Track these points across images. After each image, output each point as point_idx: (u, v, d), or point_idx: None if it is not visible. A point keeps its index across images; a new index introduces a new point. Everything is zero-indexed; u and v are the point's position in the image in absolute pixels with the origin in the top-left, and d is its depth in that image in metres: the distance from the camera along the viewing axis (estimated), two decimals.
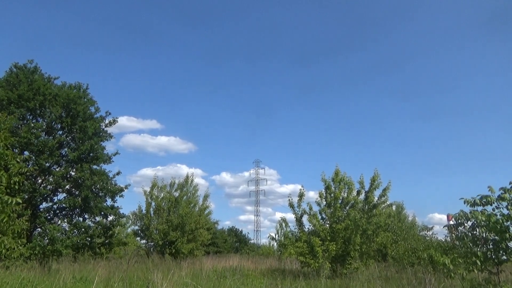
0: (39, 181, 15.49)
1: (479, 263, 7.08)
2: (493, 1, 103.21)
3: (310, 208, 16.20)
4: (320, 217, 16.04)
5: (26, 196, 14.14)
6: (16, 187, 7.91)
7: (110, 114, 17.58)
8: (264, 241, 67.06)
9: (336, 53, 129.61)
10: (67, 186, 15.89)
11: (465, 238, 7.72)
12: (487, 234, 7.32)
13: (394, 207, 26.03)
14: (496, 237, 7.16)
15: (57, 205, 15.91)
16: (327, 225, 15.79)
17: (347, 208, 15.78)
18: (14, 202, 7.25)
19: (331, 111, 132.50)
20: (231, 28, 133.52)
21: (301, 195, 16.36)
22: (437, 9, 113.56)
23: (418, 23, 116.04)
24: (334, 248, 14.65)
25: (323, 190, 16.17)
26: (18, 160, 8.11)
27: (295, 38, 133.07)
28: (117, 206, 17.11)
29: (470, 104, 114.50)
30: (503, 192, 7.24)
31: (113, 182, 17.01)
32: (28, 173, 11.43)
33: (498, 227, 7.00)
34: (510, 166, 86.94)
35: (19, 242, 8.58)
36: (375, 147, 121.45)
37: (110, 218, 17.02)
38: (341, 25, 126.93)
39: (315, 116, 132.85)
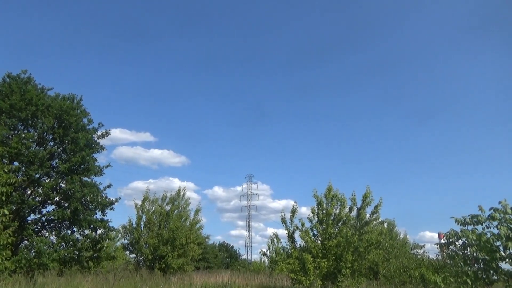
0: (28, 192, 15.25)
1: (469, 283, 7.05)
2: (487, 5, 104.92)
3: (303, 224, 16.12)
4: (312, 234, 15.95)
5: (14, 208, 13.88)
6: (4, 198, 7.77)
7: (103, 126, 17.50)
8: (255, 256, 66.56)
9: (330, 58, 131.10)
10: (57, 198, 15.65)
11: (456, 257, 7.71)
12: (477, 253, 7.31)
13: (385, 225, 26.01)
14: (486, 257, 7.15)
15: (46, 217, 15.63)
16: (319, 242, 15.69)
17: (339, 224, 15.72)
18: (1, 213, 7.12)
19: (324, 126, 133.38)
20: (225, 39, 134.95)
21: (293, 211, 16.29)
22: (431, 12, 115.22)
23: (412, 28, 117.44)
24: (326, 265, 14.52)
25: (315, 206, 16.13)
26: (6, 170, 7.99)
27: (290, 44, 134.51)
28: (107, 219, 16.84)
29: (463, 120, 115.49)
30: (493, 211, 7.27)
31: (103, 195, 16.79)
32: (16, 184, 11.25)
33: (489, 246, 7.01)
34: (501, 185, 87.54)
35: (4, 255, 8.38)
36: (367, 162, 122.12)
37: (99, 231, 16.73)
38: (336, 30, 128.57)
39: (308, 131, 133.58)
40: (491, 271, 7.18)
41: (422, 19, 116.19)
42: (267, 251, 28.37)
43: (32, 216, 15.55)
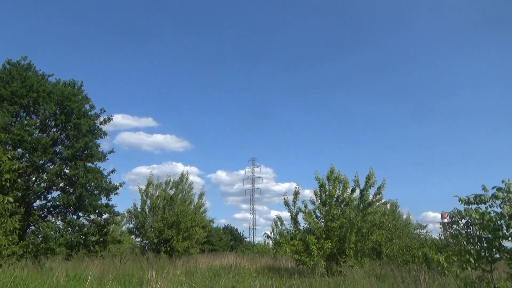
0: (33, 178, 15.37)
1: (472, 261, 7.09)
2: (490, 4, 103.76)
3: (305, 206, 16.22)
4: (315, 216, 16.05)
5: (20, 194, 14.02)
6: (8, 184, 7.82)
7: (105, 111, 17.51)
8: (259, 239, 67.15)
9: (332, 55, 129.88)
10: (61, 184, 15.79)
11: (459, 236, 7.74)
12: (480, 232, 7.33)
13: (388, 205, 26.11)
14: (489, 236, 7.17)
15: (51, 203, 15.80)
16: (322, 223, 15.80)
17: (342, 206, 15.80)
18: (6, 201, 7.17)
19: (327, 112, 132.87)
20: (227, 30, 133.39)
21: (296, 194, 16.37)
22: (434, 12, 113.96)
23: (414, 26, 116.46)
24: (329, 246, 14.67)
25: (318, 188, 16.19)
26: (10, 156, 8.02)
27: (291, 40, 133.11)
28: (112, 204, 17.02)
29: (465, 106, 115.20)
30: (496, 191, 7.25)
31: (107, 180, 16.92)
32: (20, 170, 11.31)
33: (492, 225, 7.01)
34: (503, 167, 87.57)
35: (10, 239, 8.50)
36: (370, 147, 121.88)
37: (105, 216, 16.93)
38: (337, 28, 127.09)
39: (311, 116, 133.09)
40: (494, 250, 7.21)
41: (425, 19, 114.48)
42: (271, 233, 28.74)
43: (38, 202, 15.73)
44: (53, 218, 15.87)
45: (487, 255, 7.28)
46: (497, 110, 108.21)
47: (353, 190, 16.05)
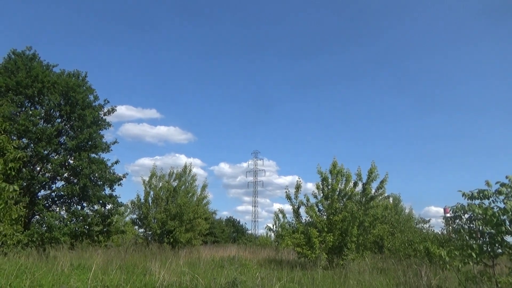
0: (38, 168, 15.48)
1: (474, 256, 7.11)
2: None
3: (308, 200, 16.25)
4: (317, 209, 16.09)
5: (24, 184, 14.13)
6: (13, 173, 7.88)
7: (108, 102, 17.55)
8: (261, 231, 67.55)
9: (335, 47, 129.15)
10: (66, 174, 15.89)
11: (462, 230, 7.74)
12: (483, 227, 7.33)
13: (391, 200, 26.13)
14: (492, 231, 7.17)
15: (56, 193, 15.93)
16: (325, 217, 15.84)
17: (344, 200, 15.81)
18: (11, 189, 7.23)
19: (330, 104, 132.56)
20: (230, 21, 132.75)
21: (298, 187, 16.40)
22: (437, 3, 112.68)
23: (417, 18, 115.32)
24: (331, 239, 14.72)
25: (320, 182, 16.21)
26: (15, 145, 8.07)
27: (294, 33, 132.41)
28: (115, 195, 17.12)
29: (469, 99, 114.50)
30: (500, 186, 7.24)
31: (111, 171, 17.00)
32: (24, 159, 11.38)
33: (495, 220, 7.01)
34: (507, 162, 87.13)
35: (15, 228, 8.59)
36: (373, 140, 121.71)
37: (108, 206, 17.04)
38: (339, 20, 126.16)
39: (314, 109, 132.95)
40: (497, 245, 7.22)
41: (428, 11, 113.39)
42: (273, 226, 28.83)
43: (42, 192, 15.86)
44: (58, 208, 16.02)
45: (489, 250, 7.29)
46: (501, 103, 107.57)
47: (355, 184, 16.05)
